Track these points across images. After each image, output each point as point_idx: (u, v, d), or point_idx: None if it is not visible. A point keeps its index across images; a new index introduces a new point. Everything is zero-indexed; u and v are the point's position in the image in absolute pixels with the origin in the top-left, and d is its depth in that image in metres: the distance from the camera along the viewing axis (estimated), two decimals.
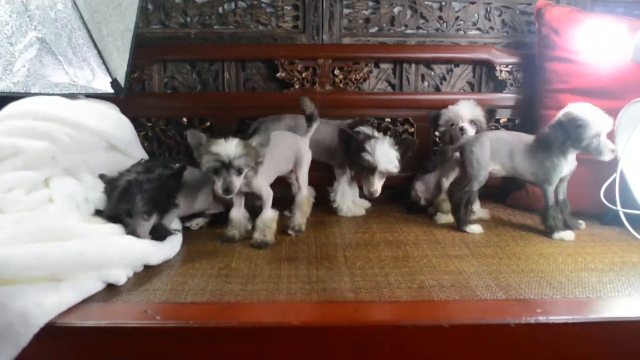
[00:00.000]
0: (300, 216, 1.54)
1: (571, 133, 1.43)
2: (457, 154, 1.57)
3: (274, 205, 1.45)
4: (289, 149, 1.55)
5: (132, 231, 1.27)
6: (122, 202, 1.28)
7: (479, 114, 1.64)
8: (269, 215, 1.43)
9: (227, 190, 1.32)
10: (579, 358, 1.01)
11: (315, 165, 1.76)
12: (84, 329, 0.98)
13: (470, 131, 1.62)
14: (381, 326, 0.99)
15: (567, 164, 1.49)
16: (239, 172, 1.33)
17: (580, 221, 1.55)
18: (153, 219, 1.32)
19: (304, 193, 1.57)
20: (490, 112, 1.69)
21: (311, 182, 1.82)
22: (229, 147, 1.31)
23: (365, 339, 0.98)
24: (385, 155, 1.56)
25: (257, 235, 1.41)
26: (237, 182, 1.33)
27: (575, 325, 1.00)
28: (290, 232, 1.50)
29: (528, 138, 1.53)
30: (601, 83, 1.64)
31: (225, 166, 1.31)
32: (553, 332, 1.00)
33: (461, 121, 1.63)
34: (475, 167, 1.51)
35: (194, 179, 1.51)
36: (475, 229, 1.51)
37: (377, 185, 1.58)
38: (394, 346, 0.99)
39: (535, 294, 1.11)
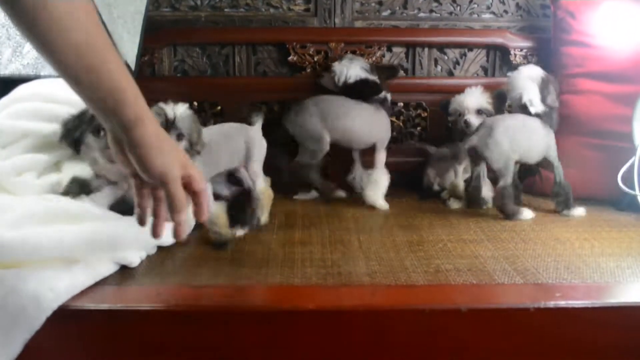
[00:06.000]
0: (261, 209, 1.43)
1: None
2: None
3: None
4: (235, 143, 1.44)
5: None
6: None
7: (485, 102, 1.61)
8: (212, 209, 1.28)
9: None
10: (598, 342, 1.00)
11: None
12: (98, 312, 0.97)
13: (476, 122, 1.58)
14: (399, 310, 0.98)
15: None
16: (179, 137, 1.23)
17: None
18: None
19: (260, 186, 1.45)
20: (500, 98, 1.63)
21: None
22: (177, 107, 1.24)
23: (383, 323, 0.97)
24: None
25: (211, 234, 1.28)
26: None
27: (595, 310, 0.99)
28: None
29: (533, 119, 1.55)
30: (618, 67, 1.61)
31: (167, 125, 1.22)
32: (573, 316, 0.98)
33: (467, 112, 1.60)
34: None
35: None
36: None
37: None
38: (412, 330, 0.97)
39: (554, 279, 1.09)
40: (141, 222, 0.92)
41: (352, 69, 1.65)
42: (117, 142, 0.86)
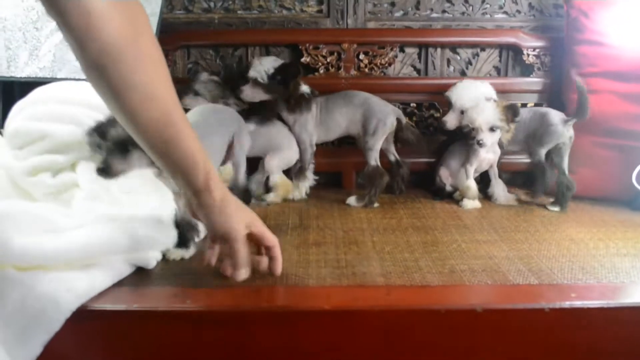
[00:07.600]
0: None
1: None
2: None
3: None
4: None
5: None
6: None
7: (497, 118, 1.54)
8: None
9: None
10: (614, 343, 1.00)
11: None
12: (116, 312, 0.98)
13: (490, 140, 1.56)
14: (414, 310, 0.98)
15: None
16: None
17: None
18: None
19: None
20: (512, 110, 1.56)
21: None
22: None
23: (398, 323, 0.98)
24: None
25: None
26: None
27: (611, 310, 0.98)
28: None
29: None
30: (633, 66, 1.61)
31: None
32: (588, 317, 0.98)
33: (480, 131, 1.54)
34: None
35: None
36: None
37: None
38: (427, 330, 0.98)
39: (569, 279, 1.09)
40: (210, 262, 1.08)
41: (265, 64, 1.65)
42: (189, 203, 1.03)
